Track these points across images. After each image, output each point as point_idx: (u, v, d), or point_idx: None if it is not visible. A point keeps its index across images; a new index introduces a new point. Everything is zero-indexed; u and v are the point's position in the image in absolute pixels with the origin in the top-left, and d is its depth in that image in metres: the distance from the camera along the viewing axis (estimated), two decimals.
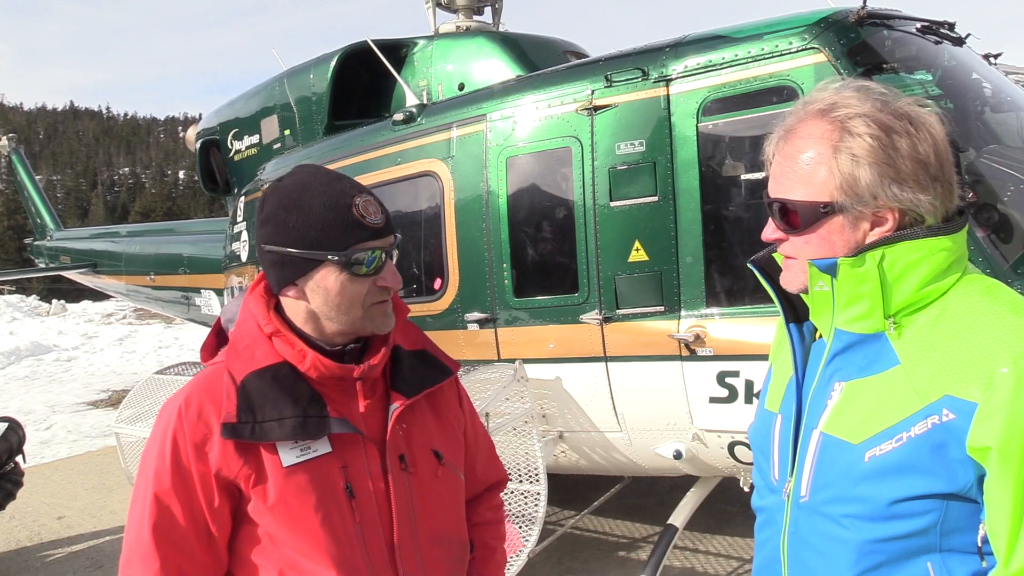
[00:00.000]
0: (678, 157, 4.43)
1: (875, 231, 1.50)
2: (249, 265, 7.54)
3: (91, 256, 12.48)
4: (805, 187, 1.51)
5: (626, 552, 5.92)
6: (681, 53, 4.50)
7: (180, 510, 1.69)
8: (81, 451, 10.08)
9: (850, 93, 1.51)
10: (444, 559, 1.87)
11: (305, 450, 1.71)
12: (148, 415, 6.50)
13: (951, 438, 1.37)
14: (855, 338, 1.51)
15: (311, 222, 1.71)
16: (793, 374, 1.64)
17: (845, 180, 1.47)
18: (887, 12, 4.46)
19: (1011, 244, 3.93)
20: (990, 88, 4.80)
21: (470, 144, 5.21)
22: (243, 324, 1.82)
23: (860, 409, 1.48)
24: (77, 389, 14.63)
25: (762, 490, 1.72)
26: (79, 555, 6.60)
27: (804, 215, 1.51)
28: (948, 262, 1.48)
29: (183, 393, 1.76)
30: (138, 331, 21.80)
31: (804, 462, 1.55)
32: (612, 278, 4.61)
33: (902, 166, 1.45)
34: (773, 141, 1.59)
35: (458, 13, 7.18)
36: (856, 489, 1.45)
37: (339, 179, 1.80)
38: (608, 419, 4.81)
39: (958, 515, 1.40)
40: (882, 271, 1.47)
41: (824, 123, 1.50)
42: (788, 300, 1.67)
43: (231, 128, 8.35)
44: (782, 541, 1.60)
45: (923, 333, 1.46)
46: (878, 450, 1.43)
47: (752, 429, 1.81)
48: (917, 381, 1.42)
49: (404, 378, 1.86)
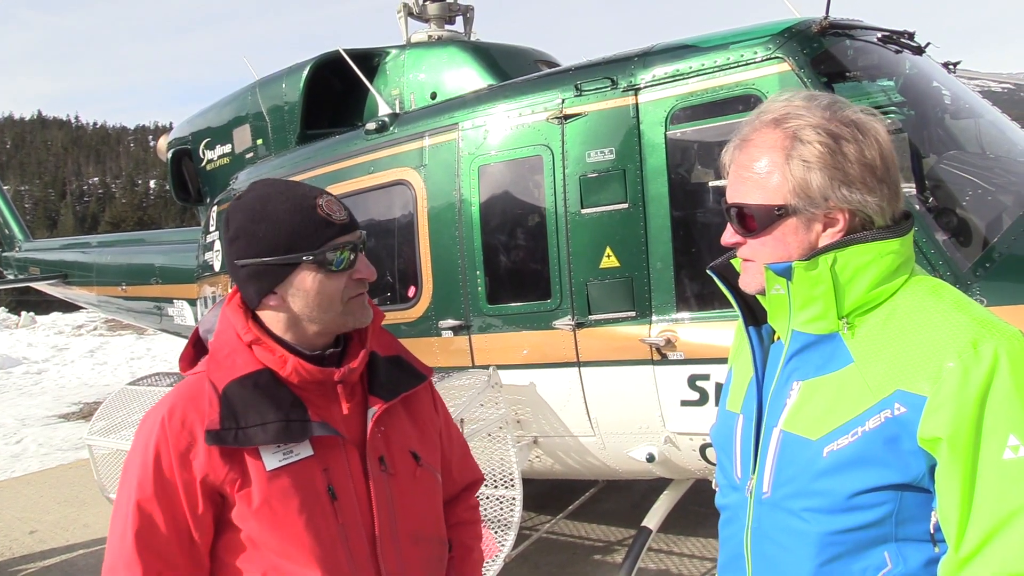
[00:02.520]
0: (647, 164, 4.50)
1: (827, 231, 1.57)
2: (222, 275, 7.51)
3: (61, 267, 12.34)
4: (760, 192, 1.59)
5: (601, 555, 5.98)
6: (649, 62, 4.58)
7: (162, 518, 1.71)
8: (53, 464, 9.97)
9: (800, 103, 1.59)
10: (424, 558, 1.92)
11: (288, 454, 1.75)
12: (121, 427, 6.45)
13: (903, 431, 1.44)
14: (811, 339, 1.58)
15: (281, 229, 1.77)
16: (753, 375, 1.71)
17: (797, 184, 1.55)
18: (849, 22, 4.57)
19: (970, 247, 4.03)
20: (949, 96, 4.93)
21: (442, 153, 5.26)
22: (222, 334, 1.85)
23: (817, 407, 1.55)
24: (48, 402, 14.45)
25: (725, 488, 1.78)
26: (51, 569, 6.53)
27: (760, 218, 1.59)
28: (896, 264, 1.56)
29: (166, 403, 1.79)
30: (110, 342, 21.56)
31: (765, 459, 1.62)
32: (584, 284, 4.67)
33: (850, 170, 1.53)
34: (729, 150, 1.66)
35: (430, 22, 7.22)
36: (816, 483, 1.52)
37: (297, 185, 1.87)
38: (582, 423, 4.86)
39: (911, 505, 1.47)
40: (834, 273, 1.54)
41: (777, 132, 1.58)
42: (747, 304, 1.74)
43: (203, 137, 8.32)
44: (745, 537, 1.66)
45: (874, 332, 1.54)
46: (835, 445, 1.50)
47: (714, 430, 1.87)
48: (870, 378, 1.50)
49: (381, 383, 1.90)
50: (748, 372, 1.73)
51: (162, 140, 9.46)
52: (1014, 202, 4.22)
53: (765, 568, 1.63)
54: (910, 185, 4.70)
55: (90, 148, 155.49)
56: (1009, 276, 3.85)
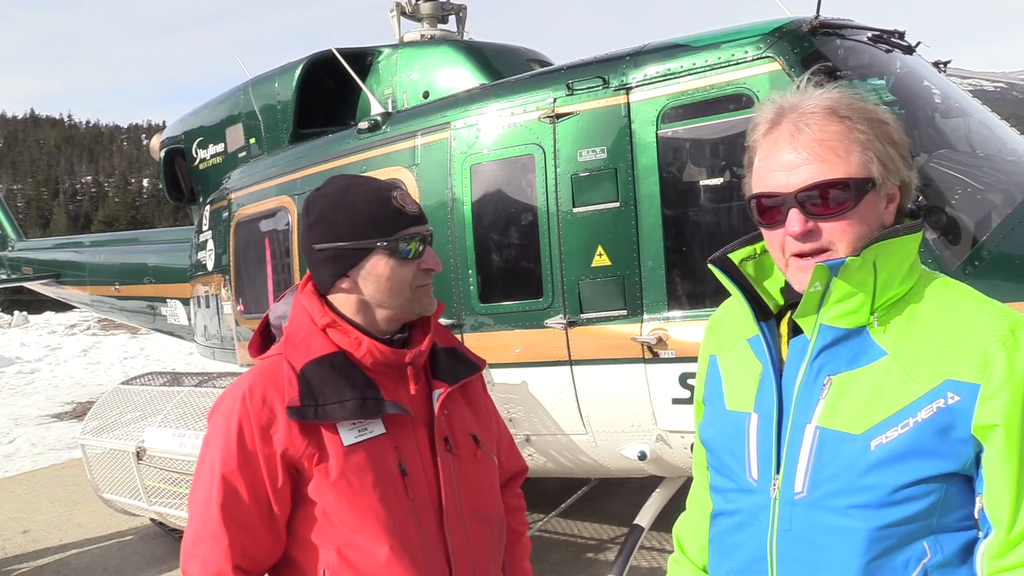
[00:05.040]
0: (639, 163, 4.52)
1: (890, 207, 1.59)
2: (215, 274, 7.52)
3: (54, 266, 12.32)
4: (845, 167, 1.54)
5: (594, 553, 6.00)
6: (641, 62, 4.59)
7: (245, 490, 1.81)
8: (46, 464, 9.97)
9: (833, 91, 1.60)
10: (485, 534, 2.02)
11: (363, 431, 1.85)
12: (114, 426, 6.46)
13: (957, 419, 1.46)
14: (840, 333, 1.56)
15: (358, 216, 1.90)
16: (766, 371, 1.65)
17: (879, 156, 1.55)
18: (839, 22, 4.59)
19: (959, 245, 4.06)
20: (939, 95, 4.95)
21: (434, 152, 5.26)
22: (296, 319, 1.96)
23: (856, 401, 1.52)
24: (41, 401, 14.44)
25: (731, 493, 1.70)
26: (44, 569, 6.53)
27: (855, 192, 1.54)
28: (915, 259, 1.60)
29: (244, 382, 1.89)
30: (103, 342, 21.55)
31: (797, 458, 1.56)
32: (576, 283, 4.68)
33: (901, 145, 1.58)
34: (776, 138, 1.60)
35: (423, 22, 7.23)
36: (863, 479, 1.49)
37: (374, 180, 2.02)
38: (574, 422, 4.88)
39: (955, 493, 1.49)
40: (877, 268, 1.54)
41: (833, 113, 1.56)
42: (753, 298, 1.70)
43: (196, 137, 8.32)
44: (770, 541, 1.59)
45: (902, 325, 1.54)
46: (884, 438, 1.48)
47: (709, 431, 1.79)
48: (910, 369, 1.50)
49: (443, 369, 2.03)
50: (754, 369, 1.68)
51: (155, 139, 9.45)
52: (1003, 201, 4.25)
53: (798, 572, 1.57)
54: None
55: (83, 147, 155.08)
56: (997, 274, 3.87)
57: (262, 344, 2.06)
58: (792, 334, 1.65)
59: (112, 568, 6.43)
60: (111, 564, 6.51)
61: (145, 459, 5.87)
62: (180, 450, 5.64)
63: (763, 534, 1.60)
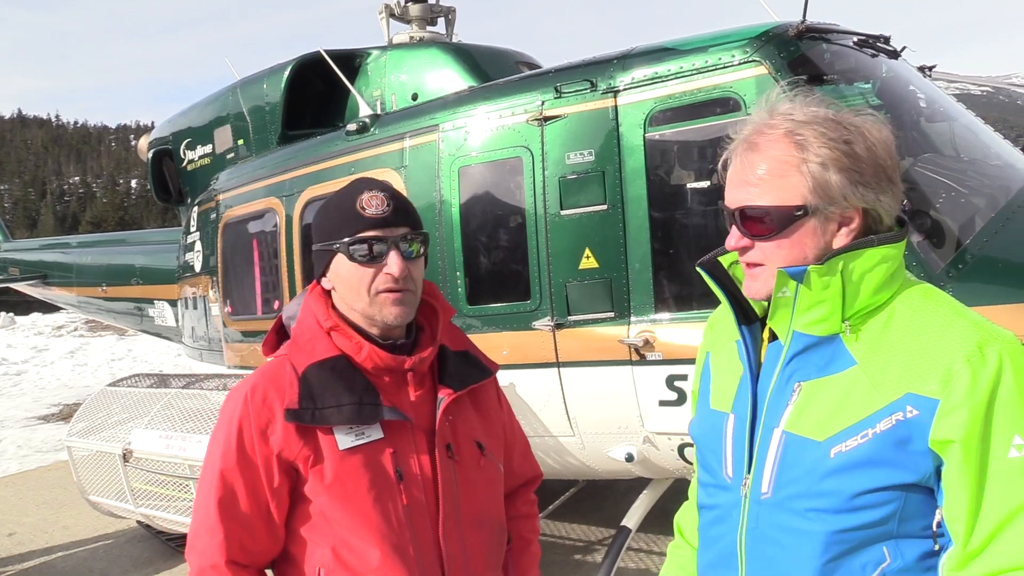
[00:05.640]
0: (626, 166, 4.53)
1: (842, 231, 1.58)
2: (203, 275, 7.50)
3: (41, 267, 12.25)
4: (776, 193, 1.56)
5: (582, 555, 6.01)
6: (628, 65, 4.61)
7: (243, 488, 1.85)
8: (32, 466, 9.92)
9: (804, 106, 1.60)
10: (484, 542, 2.02)
11: (360, 435, 1.87)
12: (101, 428, 6.44)
13: (915, 432, 1.47)
14: (812, 340, 1.59)
15: (330, 217, 1.95)
16: (744, 375, 1.70)
17: (817, 183, 1.54)
18: (825, 26, 4.62)
19: (944, 249, 4.09)
20: (925, 99, 4.99)
21: (423, 154, 5.27)
22: (304, 320, 1.99)
23: (822, 408, 1.56)
24: (27, 403, 14.37)
25: (711, 488, 1.76)
26: (30, 572, 6.50)
27: (778, 220, 1.57)
28: (895, 268, 1.59)
29: (249, 382, 1.93)
30: (90, 343, 21.45)
31: (765, 460, 1.61)
32: (563, 285, 4.69)
33: (864, 169, 1.55)
34: (734, 153, 1.63)
35: (412, 24, 7.23)
36: (822, 484, 1.53)
37: (368, 182, 1.99)
38: (561, 424, 4.89)
39: (915, 503, 1.51)
40: (844, 277, 1.55)
41: (787, 135, 1.57)
42: (737, 302, 1.73)
43: (184, 138, 8.29)
44: (739, 537, 1.65)
45: (875, 335, 1.56)
46: (843, 446, 1.51)
47: (696, 428, 1.85)
48: (876, 380, 1.52)
49: (451, 374, 2.02)
50: (737, 371, 1.72)
51: (143, 140, 9.43)
52: (986, 204, 4.28)
53: (762, 568, 1.62)
54: None
55: (71, 147, 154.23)
56: (981, 278, 3.90)
57: (276, 342, 2.08)
58: (772, 339, 1.68)
59: (98, 570, 6.40)
60: (97, 567, 6.48)
61: (132, 461, 5.85)
62: (167, 452, 5.62)
63: (735, 530, 1.66)
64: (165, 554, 6.61)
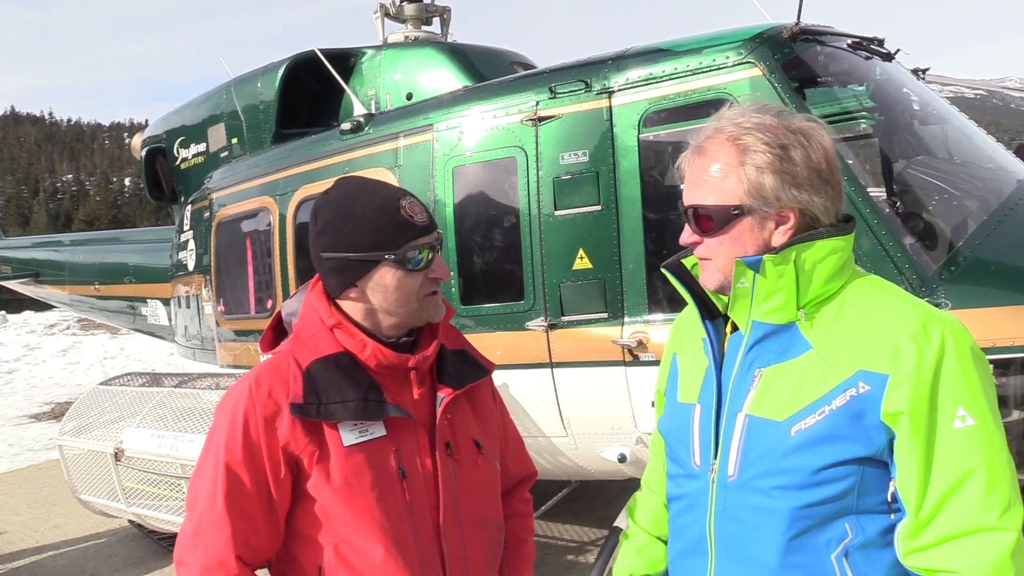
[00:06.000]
0: (620, 167, 4.54)
1: (779, 229, 1.69)
2: (196, 274, 7.48)
3: (33, 265, 12.21)
4: (717, 194, 1.69)
5: (574, 556, 6.01)
6: (623, 66, 4.61)
7: (249, 480, 1.83)
8: (23, 465, 9.89)
9: (750, 113, 1.71)
10: (483, 540, 2.03)
11: (364, 432, 1.87)
12: (93, 427, 6.41)
13: (868, 407, 1.57)
14: (771, 328, 1.69)
15: (365, 227, 1.89)
16: (709, 366, 1.79)
17: (752, 186, 1.66)
18: (820, 29, 4.63)
19: (936, 251, 4.10)
20: (918, 101, 5.00)
21: (417, 154, 5.26)
22: (306, 317, 1.98)
23: (781, 390, 1.65)
24: (18, 402, 14.32)
25: (680, 478, 1.84)
26: (21, 571, 6.47)
27: (718, 218, 1.70)
28: (844, 260, 1.70)
29: (251, 376, 1.91)
30: (82, 342, 21.37)
31: (730, 444, 1.70)
32: (557, 285, 4.69)
33: (798, 172, 1.66)
34: (686, 157, 1.76)
35: (406, 23, 7.23)
36: (784, 462, 1.61)
37: (382, 186, 2.00)
38: (555, 424, 4.89)
39: (871, 477, 1.60)
40: (797, 266, 1.66)
41: (730, 140, 1.69)
42: (700, 299, 1.84)
43: (178, 136, 8.28)
44: (708, 521, 1.72)
45: (828, 321, 1.66)
46: (803, 424, 1.60)
47: (664, 423, 1.95)
48: (830, 361, 1.62)
49: (449, 373, 2.03)
50: (702, 365, 1.81)
51: (136, 138, 9.40)
52: (979, 207, 4.29)
53: (732, 548, 1.69)
54: (880, 189, 4.78)
55: (64, 145, 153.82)
56: (973, 280, 3.91)
57: (274, 339, 2.08)
58: (733, 330, 1.78)
59: (89, 570, 6.38)
60: (88, 566, 6.46)
61: (123, 460, 5.83)
62: (159, 451, 5.60)
63: (704, 516, 1.74)
64: (157, 553, 6.58)
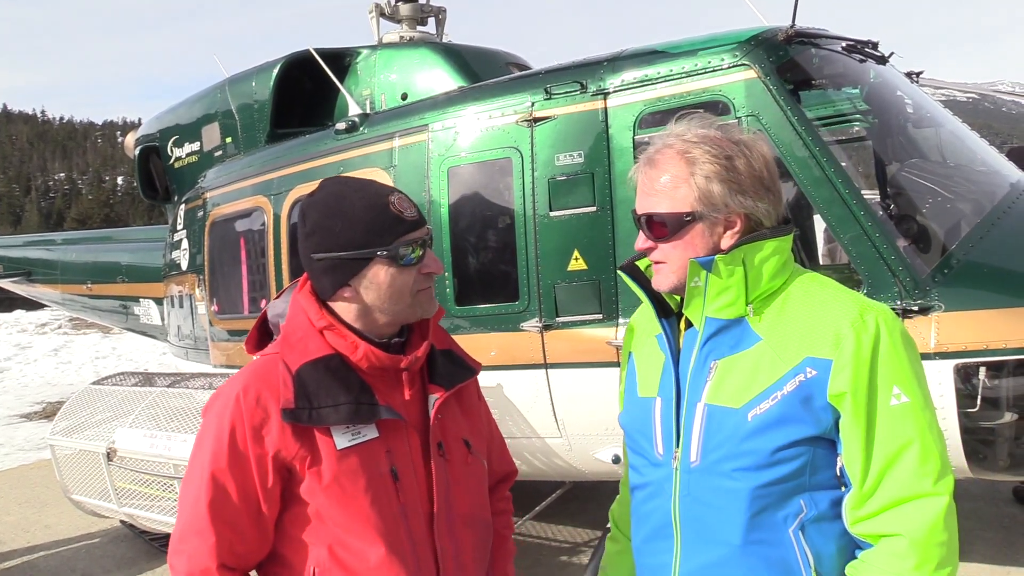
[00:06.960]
0: (616, 168, 4.54)
1: (727, 233, 1.83)
2: (189, 274, 7.46)
3: (25, 264, 12.15)
4: (670, 202, 1.82)
5: (568, 556, 6.01)
6: (618, 67, 4.62)
7: (234, 489, 1.82)
8: (14, 465, 9.83)
9: (696, 127, 1.84)
10: (473, 539, 2.04)
11: (356, 435, 1.86)
12: (85, 427, 6.38)
13: (815, 390, 1.72)
14: (722, 323, 1.82)
15: (356, 225, 1.88)
16: (667, 361, 1.90)
17: (702, 194, 1.79)
18: (814, 31, 4.64)
19: (929, 253, 4.12)
20: (912, 105, 5.02)
21: (412, 154, 5.26)
22: (294, 318, 1.96)
23: (736, 380, 1.78)
24: (9, 401, 14.24)
25: (643, 468, 1.94)
26: (12, 572, 6.43)
27: (671, 224, 1.82)
28: (786, 259, 1.85)
29: (239, 381, 1.89)
30: (74, 341, 21.26)
31: (691, 432, 1.81)
32: (552, 286, 4.70)
33: (743, 180, 1.80)
34: (639, 168, 1.88)
35: (402, 23, 7.22)
36: (743, 445, 1.74)
37: (369, 184, 1.99)
38: (549, 425, 4.89)
39: (821, 455, 1.75)
40: (746, 265, 1.80)
41: (679, 153, 1.82)
42: (656, 299, 1.95)
43: (171, 135, 8.25)
44: (673, 506, 1.83)
45: (775, 314, 1.81)
46: (758, 409, 1.74)
47: (626, 417, 2.03)
48: (779, 350, 1.76)
49: (440, 373, 2.04)
50: (659, 360, 1.93)
51: (130, 136, 9.37)
52: (972, 210, 4.32)
53: (697, 530, 1.80)
54: (874, 192, 4.80)
55: (56, 143, 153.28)
56: (967, 282, 3.93)
57: (259, 340, 2.06)
58: (688, 327, 1.90)
59: (80, 570, 6.35)
60: (79, 566, 6.43)
61: (115, 460, 5.80)
62: (151, 451, 5.58)
63: (668, 501, 1.85)
64: (148, 554, 6.56)
